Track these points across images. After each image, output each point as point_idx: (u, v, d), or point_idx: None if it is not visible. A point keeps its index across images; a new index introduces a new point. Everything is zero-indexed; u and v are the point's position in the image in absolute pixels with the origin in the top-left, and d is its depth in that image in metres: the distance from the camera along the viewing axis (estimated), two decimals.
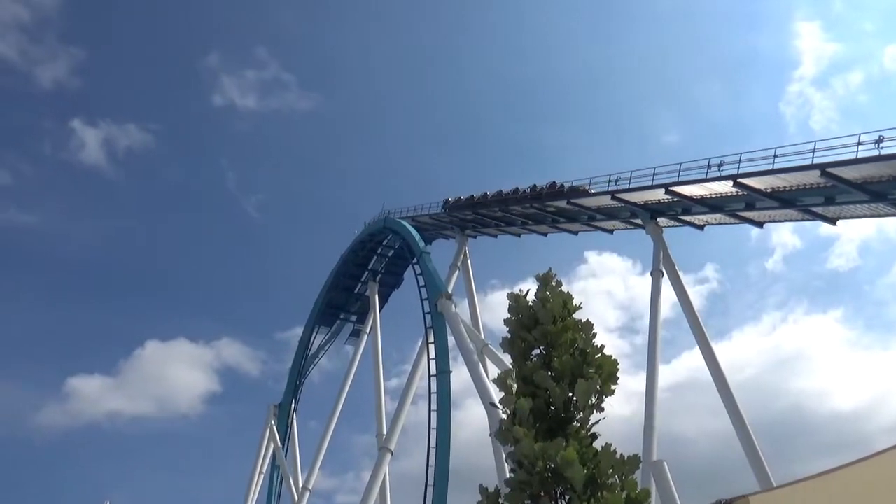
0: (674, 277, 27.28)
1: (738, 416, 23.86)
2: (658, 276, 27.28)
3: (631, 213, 29.17)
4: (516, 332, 7.58)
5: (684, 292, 27.22)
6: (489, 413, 27.18)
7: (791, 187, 23.20)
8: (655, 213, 28.10)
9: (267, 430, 42.48)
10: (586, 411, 6.89)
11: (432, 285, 32.86)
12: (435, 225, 39.46)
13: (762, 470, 22.59)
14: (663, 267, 27.31)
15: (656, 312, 26.92)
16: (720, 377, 24.78)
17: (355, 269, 45.41)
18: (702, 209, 26.68)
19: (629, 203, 28.34)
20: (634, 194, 27.65)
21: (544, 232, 34.02)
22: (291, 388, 45.01)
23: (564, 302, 7.62)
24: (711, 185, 24.99)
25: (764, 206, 24.70)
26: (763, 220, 26.23)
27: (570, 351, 7.17)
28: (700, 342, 25.91)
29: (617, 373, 7.12)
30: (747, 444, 23.26)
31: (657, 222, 28.18)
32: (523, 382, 7.09)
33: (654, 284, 27.38)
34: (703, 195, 25.96)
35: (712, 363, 25.19)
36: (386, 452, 30.82)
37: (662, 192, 26.36)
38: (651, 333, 26.57)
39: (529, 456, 6.30)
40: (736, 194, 24.76)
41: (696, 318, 26.45)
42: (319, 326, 47.01)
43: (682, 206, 27.16)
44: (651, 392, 24.80)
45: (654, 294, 27.24)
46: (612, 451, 6.60)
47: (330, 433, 39.00)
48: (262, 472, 41.55)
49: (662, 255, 27.49)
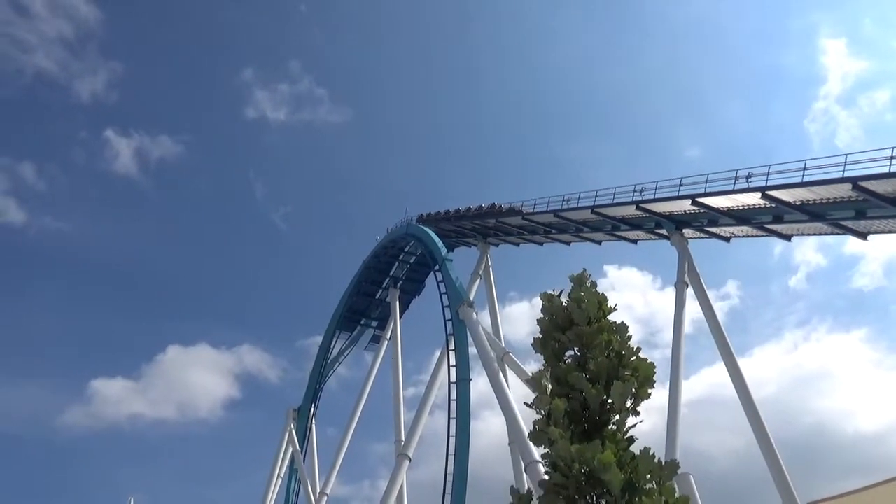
0: (698, 290, 26.92)
1: (763, 434, 23.39)
2: (682, 288, 26.90)
3: (656, 223, 28.88)
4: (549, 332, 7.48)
5: (709, 305, 26.83)
6: (508, 421, 27.03)
7: (821, 200, 22.82)
8: (681, 223, 27.80)
9: (286, 434, 42.55)
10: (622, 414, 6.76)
11: (454, 293, 32.79)
12: (457, 232, 39.42)
13: (787, 488, 22.13)
14: (688, 279, 26.96)
15: (680, 325, 26.47)
16: (745, 393, 24.33)
17: (377, 275, 45.49)
18: (728, 221, 26.33)
19: (654, 213, 28.08)
20: (660, 204, 27.38)
21: (567, 241, 33.80)
22: (311, 393, 45.13)
23: (599, 303, 7.52)
24: (739, 197, 24.66)
25: (792, 219, 24.31)
26: (791, 233, 25.81)
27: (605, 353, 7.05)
28: (725, 357, 25.48)
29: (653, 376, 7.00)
30: (772, 462, 22.78)
31: (682, 233, 27.86)
32: (557, 383, 6.98)
33: (678, 296, 26.99)
34: (730, 207, 25.63)
35: (737, 378, 24.75)
36: (404, 459, 30.69)
37: (689, 202, 26.07)
38: (675, 346, 26.11)
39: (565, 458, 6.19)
40: (764, 206, 24.41)
41: (720, 331, 26.02)
42: (340, 332, 47.10)
43: (708, 218, 26.84)
44: (675, 405, 24.32)
45: (679, 306, 26.81)
46: (651, 455, 6.47)
47: (348, 439, 38.90)
48: (280, 476, 41.60)
49: (687, 266, 27.16)
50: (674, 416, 24.07)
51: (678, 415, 24.17)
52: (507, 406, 26.29)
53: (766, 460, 22.99)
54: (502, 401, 26.66)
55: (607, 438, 6.47)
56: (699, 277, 27.10)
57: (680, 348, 26.04)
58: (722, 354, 25.64)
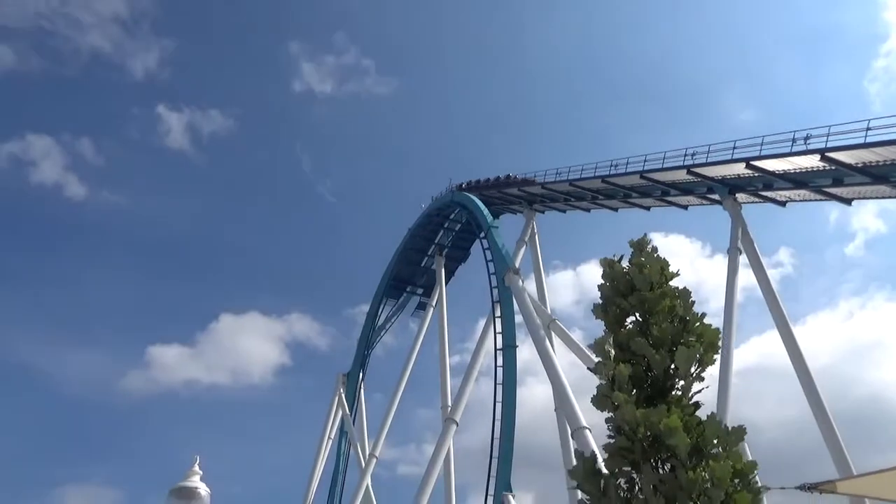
0: (752, 256, 26.27)
1: (819, 404, 22.84)
2: (735, 255, 26.28)
3: (708, 188, 28.17)
4: (610, 298, 7.42)
5: (763, 271, 26.17)
6: (554, 388, 27.08)
7: (884, 162, 21.87)
8: (734, 188, 27.06)
9: (336, 399, 43.60)
10: (687, 380, 6.70)
11: (500, 260, 32.74)
12: (502, 199, 39.19)
13: (843, 459, 21.65)
14: (741, 245, 26.31)
15: (733, 292, 25.88)
16: (800, 363, 23.73)
17: (422, 243, 45.72)
18: (785, 184, 25.52)
19: (706, 178, 27.37)
20: (712, 168, 26.66)
21: (615, 207, 33.29)
22: (359, 359, 46.02)
23: (662, 268, 7.40)
24: (796, 160, 23.82)
25: (853, 182, 23.42)
26: (852, 196, 24.84)
27: (668, 318, 6.97)
28: (779, 325, 24.87)
29: (718, 342, 6.90)
30: (828, 433, 22.26)
31: (735, 198, 27.14)
32: (619, 349, 6.95)
33: (730, 263, 26.39)
34: (786, 170, 24.81)
35: (792, 348, 24.14)
36: (451, 423, 31.10)
37: (743, 166, 25.31)
38: (727, 314, 25.55)
39: (631, 422, 6.19)
40: (823, 169, 23.56)
41: (775, 299, 25.36)
42: (387, 299, 47.70)
43: (763, 182, 26.06)
44: (725, 374, 23.90)
45: (731, 273, 26.21)
46: (718, 420, 6.42)
47: (396, 403, 39.64)
48: (331, 438, 42.80)
49: (741, 232, 26.48)
50: (724, 385, 23.67)
51: (729, 384, 23.78)
52: (554, 373, 26.32)
53: (821, 431, 22.48)
54: (549, 367, 26.69)
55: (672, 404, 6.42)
56: (753, 243, 26.42)
57: (732, 316, 25.49)
58: (776, 323, 25.04)
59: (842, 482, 12.15)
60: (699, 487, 5.85)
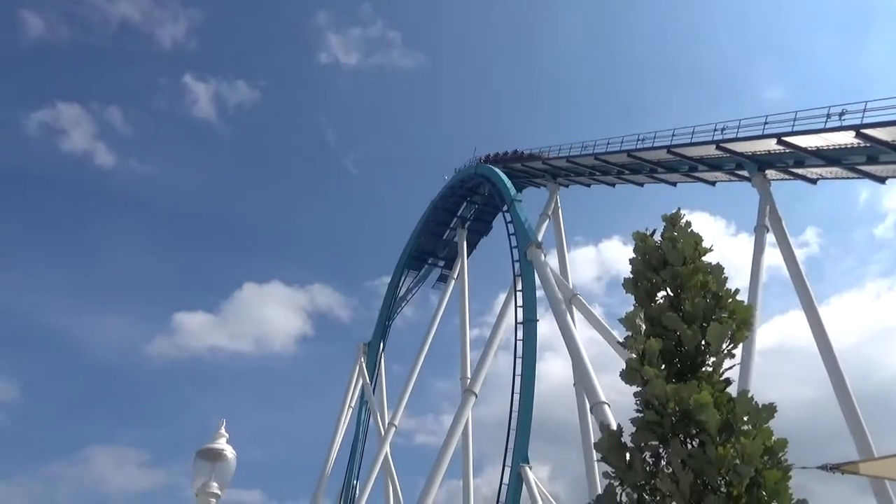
0: (779, 234, 25.86)
1: (842, 385, 22.58)
2: (762, 233, 25.87)
3: (737, 164, 27.66)
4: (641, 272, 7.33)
5: (790, 250, 25.77)
6: (574, 362, 27.08)
7: None
8: (764, 164, 26.54)
9: (356, 367, 44.09)
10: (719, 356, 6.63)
11: (522, 233, 32.58)
12: (526, 172, 38.87)
13: (864, 440, 21.45)
14: (768, 223, 25.88)
15: (758, 271, 25.50)
16: (825, 343, 23.43)
17: (445, 216, 45.66)
18: (817, 161, 24.96)
19: (735, 153, 26.86)
20: (742, 144, 26.16)
21: (641, 182, 32.88)
22: (380, 329, 46.40)
23: (696, 243, 7.29)
24: (830, 136, 23.28)
25: (889, 160, 22.82)
26: (887, 175, 24.22)
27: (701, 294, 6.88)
28: (805, 305, 24.52)
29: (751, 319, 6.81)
30: (850, 415, 22.03)
31: (765, 175, 26.63)
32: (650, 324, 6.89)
33: (757, 240, 25.99)
34: (819, 146, 24.25)
35: (817, 328, 23.80)
36: (470, 395, 31.33)
37: (774, 142, 24.80)
38: (751, 293, 25.15)
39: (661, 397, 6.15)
40: (857, 146, 23.01)
41: (801, 279, 24.98)
42: (408, 271, 47.87)
43: (794, 158, 25.52)
44: (748, 353, 23.69)
45: (757, 251, 25.81)
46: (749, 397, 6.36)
47: (415, 374, 39.99)
48: (351, 407, 43.39)
49: (769, 210, 26.03)
50: (747, 364, 23.48)
51: (751, 363, 23.58)
52: (575, 347, 26.27)
53: (843, 412, 22.28)
54: (569, 342, 26.64)
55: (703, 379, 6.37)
56: (781, 221, 25.98)
57: (757, 295, 25.13)
58: (802, 303, 24.70)
59: (864, 463, 12.08)
60: (728, 463, 5.82)
